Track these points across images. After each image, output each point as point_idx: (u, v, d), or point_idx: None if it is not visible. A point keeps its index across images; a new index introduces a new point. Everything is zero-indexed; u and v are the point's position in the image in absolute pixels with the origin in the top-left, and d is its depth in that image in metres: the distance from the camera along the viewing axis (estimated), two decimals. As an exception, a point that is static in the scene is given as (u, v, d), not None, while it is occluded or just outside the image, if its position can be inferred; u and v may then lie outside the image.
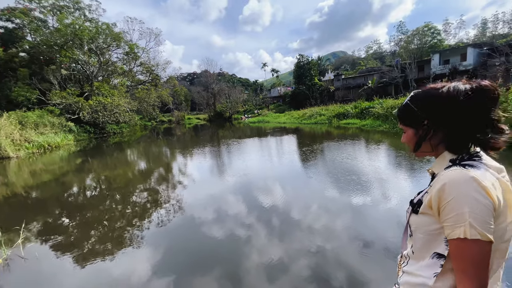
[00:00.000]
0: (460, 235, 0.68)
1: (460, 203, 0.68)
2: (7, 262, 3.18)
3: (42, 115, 17.55)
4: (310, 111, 25.12)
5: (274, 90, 51.83)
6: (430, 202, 0.76)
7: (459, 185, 0.69)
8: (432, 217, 0.77)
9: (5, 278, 2.91)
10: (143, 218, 4.66)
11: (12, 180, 8.47)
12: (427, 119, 0.82)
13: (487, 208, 0.67)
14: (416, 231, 0.84)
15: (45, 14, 23.12)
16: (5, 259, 3.20)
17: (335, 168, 7.04)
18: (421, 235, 0.82)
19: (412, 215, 0.85)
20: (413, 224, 0.85)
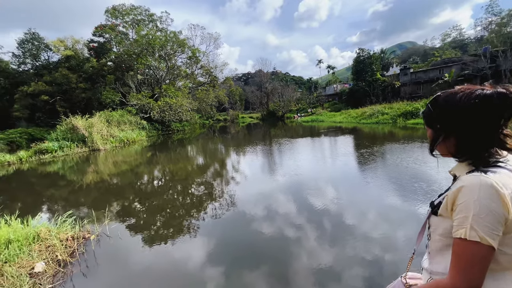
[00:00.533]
0: (461, 235, 0.73)
1: (469, 207, 0.72)
2: (98, 238, 3.79)
3: (123, 114, 20.66)
4: (371, 110, 23.04)
5: (330, 88, 49.43)
6: (447, 203, 0.80)
7: (474, 191, 0.72)
8: (449, 219, 0.80)
9: (98, 251, 3.46)
10: (200, 209, 5.01)
11: (101, 168, 10.19)
12: (439, 123, 0.86)
13: (495, 216, 0.70)
14: (435, 232, 0.88)
15: (127, 28, 27.12)
16: (97, 235, 3.82)
17: (399, 173, 6.23)
18: (438, 237, 0.86)
19: (432, 216, 0.90)
20: (432, 225, 0.89)
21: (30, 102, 26.69)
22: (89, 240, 3.60)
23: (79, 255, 3.20)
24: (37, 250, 2.94)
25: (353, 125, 20.66)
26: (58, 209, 5.44)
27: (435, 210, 0.87)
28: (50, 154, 13.22)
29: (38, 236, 3.14)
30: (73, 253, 3.19)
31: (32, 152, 13.20)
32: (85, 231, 3.82)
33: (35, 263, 2.76)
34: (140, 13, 27.31)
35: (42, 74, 27.79)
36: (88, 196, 6.54)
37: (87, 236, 3.64)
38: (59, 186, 7.82)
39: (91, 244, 3.56)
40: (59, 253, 2.99)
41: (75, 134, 14.86)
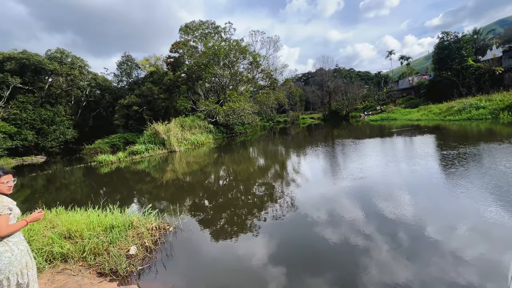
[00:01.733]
0: None
1: None
2: (175, 230, 4.32)
3: (194, 120, 23.09)
4: (460, 104, 19.23)
5: (404, 81, 43.69)
6: None
7: None
8: None
9: (174, 242, 3.95)
10: (261, 209, 5.16)
11: (176, 168, 11.61)
12: None
13: None
14: None
15: (196, 42, 30.25)
16: (174, 227, 4.37)
17: (504, 182, 4.94)
18: None
19: None
20: None
21: (125, 112, 32.67)
22: (167, 231, 4.16)
23: (161, 244, 3.74)
24: (131, 236, 3.57)
25: (436, 123, 17.62)
26: (144, 202, 6.47)
27: None
28: (139, 155, 15.86)
29: (131, 224, 3.81)
30: (156, 241, 3.75)
31: (127, 153, 16.10)
32: (165, 222, 4.42)
33: (130, 246, 3.35)
34: (207, 27, 30.08)
35: (133, 89, 33.68)
36: (166, 191, 7.55)
37: (167, 227, 4.21)
38: (145, 182, 9.28)
39: (169, 235, 4.08)
40: (147, 240, 3.55)
41: (157, 138, 17.41)
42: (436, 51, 31.23)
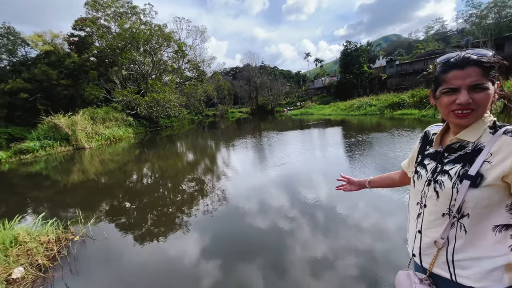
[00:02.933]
0: None
1: None
2: (83, 240, 3.63)
3: (108, 111, 20.01)
4: (359, 102, 23.36)
5: (318, 81, 49.72)
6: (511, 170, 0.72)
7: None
8: (499, 187, 0.75)
9: (81, 254, 3.31)
10: (191, 205, 4.90)
11: (86, 167, 9.84)
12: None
13: None
14: (475, 207, 0.77)
15: (109, 21, 26.03)
16: (81, 236, 3.66)
17: (387, 162, 6.33)
18: (480, 210, 0.77)
19: (470, 190, 0.77)
20: (472, 200, 0.77)
21: (7, 100, 25.40)
22: (72, 242, 3.44)
23: (62, 259, 3.05)
24: (14, 254, 2.77)
25: (342, 117, 20.89)
26: (41, 211, 5.20)
27: (477, 182, 0.76)
28: (31, 154, 12.65)
29: (15, 240, 2.96)
30: (54, 257, 3.03)
31: (11, 152, 12.59)
32: (69, 233, 3.64)
33: (12, 269, 2.60)
34: (122, 5, 26.26)
35: (20, 71, 26.41)
36: (72, 196, 6.29)
37: (71, 238, 3.48)
38: (41, 187, 7.49)
39: (72, 247, 3.39)
40: (39, 257, 2.83)
41: (58, 132, 14.26)
42: (342, 56, 36.75)
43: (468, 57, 0.77)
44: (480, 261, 0.79)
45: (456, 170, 0.83)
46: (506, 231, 0.77)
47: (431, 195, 0.88)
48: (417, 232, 0.93)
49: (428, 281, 0.89)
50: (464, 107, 0.77)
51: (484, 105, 0.77)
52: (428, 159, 0.95)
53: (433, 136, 1.00)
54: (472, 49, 0.79)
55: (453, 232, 0.83)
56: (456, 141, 0.86)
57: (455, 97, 0.79)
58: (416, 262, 0.97)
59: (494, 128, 0.79)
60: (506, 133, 0.76)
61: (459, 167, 0.82)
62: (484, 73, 0.75)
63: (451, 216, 0.82)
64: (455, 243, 0.83)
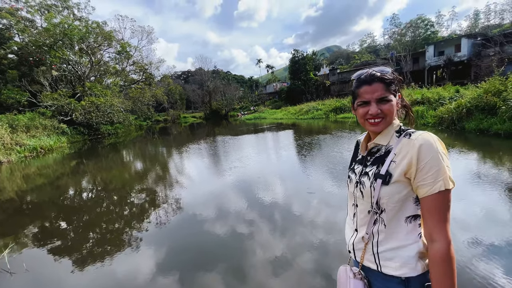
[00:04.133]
0: (441, 187, 0.78)
1: (437, 160, 0.79)
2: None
3: (33, 118, 17.14)
4: (307, 106, 25.03)
5: (270, 86, 51.62)
6: (408, 167, 0.83)
7: (433, 146, 0.81)
8: (404, 183, 0.85)
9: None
10: (142, 219, 4.52)
11: (4, 185, 8.21)
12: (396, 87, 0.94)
13: (448, 161, 0.82)
14: (389, 202, 0.88)
15: (32, 14, 22.50)
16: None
17: (333, 161, 6.93)
18: (393, 205, 0.87)
19: (383, 187, 0.88)
20: (385, 196, 0.88)
21: None
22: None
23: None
24: None
25: (293, 121, 22.06)
26: None
27: (387, 180, 0.87)
28: None
29: None
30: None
31: None
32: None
33: None
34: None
35: None
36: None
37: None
38: None
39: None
40: None
41: (-39, 144, 11.59)
42: (290, 63, 38.97)
43: (373, 74, 0.90)
44: (399, 250, 0.88)
45: (373, 171, 0.94)
46: (415, 221, 0.89)
47: (359, 195, 0.98)
48: (354, 230, 1.03)
49: (360, 275, 0.97)
50: (375, 116, 0.91)
51: (390, 114, 0.90)
52: (357, 164, 1.06)
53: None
54: (378, 67, 0.93)
55: (376, 227, 0.93)
56: (374, 145, 0.98)
57: (367, 108, 0.92)
58: (353, 258, 1.07)
59: (400, 132, 0.92)
60: (405, 136, 0.88)
61: (375, 168, 0.94)
62: (387, 87, 0.89)
63: (373, 212, 0.93)
64: (378, 236, 0.93)
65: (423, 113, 12.49)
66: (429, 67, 26.38)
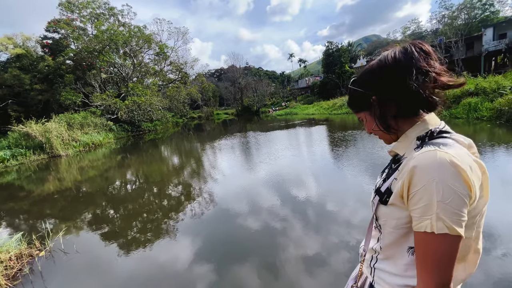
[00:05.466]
0: (427, 228, 0.60)
1: (431, 191, 0.58)
2: (51, 255, 3.40)
3: (86, 116, 19.21)
4: (341, 101, 23.85)
5: (302, 81, 50.37)
6: (401, 190, 0.66)
7: (433, 171, 0.59)
8: (402, 208, 0.68)
9: (48, 270, 3.08)
10: (179, 210, 4.77)
11: (62, 176, 9.35)
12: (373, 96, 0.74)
13: (461, 198, 0.58)
14: (386, 225, 0.75)
15: (85, 23, 25.06)
16: (48, 251, 3.42)
17: (368, 157, 6.46)
18: (391, 229, 0.73)
19: (380, 206, 0.75)
20: (382, 217, 0.75)
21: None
22: (38, 257, 3.20)
23: (24, 277, 2.83)
24: (-30, 276, 2.54)
25: (325, 116, 21.24)
26: (6, 226, 4.85)
27: (385, 199, 0.73)
28: (1, 164, 11.88)
29: (-29, 260, 2.72)
30: (16, 275, 2.81)
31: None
32: (35, 247, 3.40)
33: (-33, 292, 2.38)
34: (98, 6, 25.36)
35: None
36: (44, 208, 5.92)
37: (36, 254, 3.24)
38: (11, 199, 7.01)
39: (37, 263, 3.15)
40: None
41: (30, 140, 13.49)
42: (324, 56, 37.43)
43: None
44: (393, 277, 0.76)
45: (379, 183, 0.81)
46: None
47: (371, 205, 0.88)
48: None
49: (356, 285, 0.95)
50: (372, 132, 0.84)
51: (375, 130, 0.80)
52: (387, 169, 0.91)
53: None
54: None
55: (377, 244, 0.82)
56: (394, 154, 0.81)
57: None
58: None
59: (423, 139, 0.69)
60: (418, 147, 0.68)
61: (381, 180, 0.80)
62: (355, 104, 0.83)
63: (376, 227, 0.83)
64: (377, 254, 0.83)
65: (476, 106, 11.00)
66: (486, 52, 23.08)
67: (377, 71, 0.73)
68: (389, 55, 0.71)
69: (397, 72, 0.68)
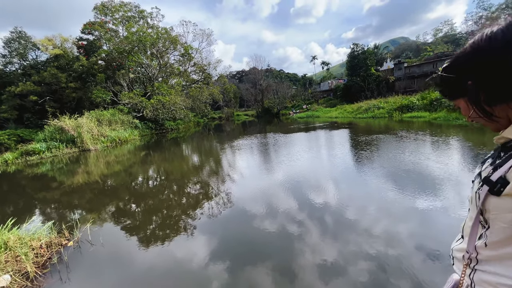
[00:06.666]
0: None
1: None
2: (78, 245, 3.45)
3: (114, 113, 20.13)
4: (366, 104, 22.92)
5: (324, 84, 49.34)
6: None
7: None
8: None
9: (75, 260, 3.12)
10: (197, 208, 4.75)
11: (91, 169, 9.78)
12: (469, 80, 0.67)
13: None
14: (497, 219, 0.66)
15: (116, 25, 26.41)
16: (76, 241, 3.48)
17: (399, 167, 6.01)
18: (504, 225, 0.64)
19: (490, 197, 0.66)
20: (493, 210, 0.66)
21: (18, 103, 25.92)
22: (66, 247, 3.25)
23: (53, 266, 2.86)
24: (3, 261, 2.60)
25: (349, 120, 20.50)
26: (39, 213, 5.07)
27: (498, 189, 0.63)
28: (37, 155, 12.72)
29: (5, 245, 2.80)
30: (45, 264, 2.85)
31: (18, 153, 12.68)
32: (63, 237, 3.47)
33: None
34: (129, 9, 26.63)
35: (30, 74, 26.98)
36: (74, 199, 6.16)
37: (64, 243, 3.30)
38: (44, 189, 7.41)
39: (64, 253, 3.20)
40: (28, 264, 2.65)
41: (64, 134, 14.35)
42: (349, 59, 36.34)
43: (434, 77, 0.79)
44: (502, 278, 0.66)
45: (487, 172, 0.71)
46: None
47: (470, 198, 0.78)
48: (461, 236, 0.86)
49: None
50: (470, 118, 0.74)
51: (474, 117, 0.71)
52: (491, 157, 0.79)
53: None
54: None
55: (480, 242, 0.72)
56: (504, 140, 0.71)
57: None
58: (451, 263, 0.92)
59: None
60: None
61: (490, 169, 0.70)
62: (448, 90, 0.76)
63: (479, 224, 0.73)
64: (478, 254, 0.73)
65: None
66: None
67: (471, 53, 0.66)
68: (485, 34, 0.63)
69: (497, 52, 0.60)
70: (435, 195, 4.18)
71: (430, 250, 2.75)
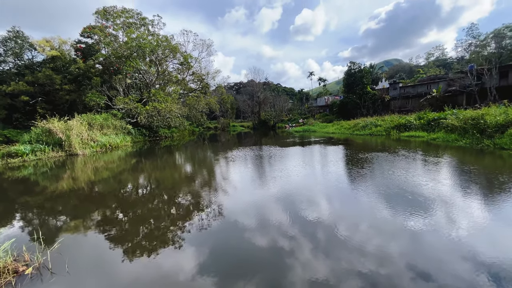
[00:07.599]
0: None
1: None
2: (38, 272, 2.87)
3: (107, 118, 19.55)
4: (363, 121, 22.96)
5: (321, 99, 49.93)
6: None
7: None
8: None
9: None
10: (186, 219, 4.42)
11: (77, 175, 9.15)
12: None
13: None
14: None
15: (117, 30, 26.31)
16: (36, 267, 2.88)
17: (388, 180, 5.68)
18: None
19: None
20: None
21: (8, 102, 25.13)
22: (23, 276, 2.67)
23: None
24: None
25: (346, 136, 20.39)
26: (3, 226, 4.48)
27: None
28: (20, 158, 11.99)
29: None
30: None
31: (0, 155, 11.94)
32: (22, 262, 2.90)
33: None
34: (131, 16, 26.66)
35: (24, 74, 26.38)
36: (47, 210, 5.57)
37: (21, 270, 2.73)
38: (17, 196, 6.77)
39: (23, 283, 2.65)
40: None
41: (51, 137, 13.68)
42: (346, 76, 36.99)
43: None
44: None
45: None
46: None
47: None
48: None
49: None
50: None
51: None
52: None
53: None
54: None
55: None
56: None
57: None
58: None
59: None
60: None
61: None
62: None
63: None
64: None
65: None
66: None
67: None
68: None
69: None
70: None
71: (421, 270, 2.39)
